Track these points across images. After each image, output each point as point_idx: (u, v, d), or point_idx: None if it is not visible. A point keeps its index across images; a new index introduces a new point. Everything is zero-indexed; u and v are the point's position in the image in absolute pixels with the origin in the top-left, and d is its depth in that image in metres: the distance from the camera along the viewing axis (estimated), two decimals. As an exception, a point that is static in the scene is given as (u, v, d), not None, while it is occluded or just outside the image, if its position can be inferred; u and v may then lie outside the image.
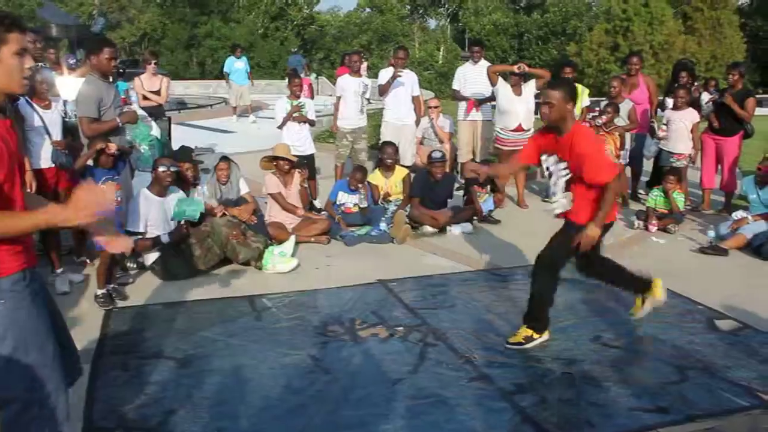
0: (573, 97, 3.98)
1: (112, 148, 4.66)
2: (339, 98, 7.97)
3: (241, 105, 14.99)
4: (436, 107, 8.92)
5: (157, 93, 8.39)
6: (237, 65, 14.78)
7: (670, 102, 7.67)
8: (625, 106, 7.58)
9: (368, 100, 8.49)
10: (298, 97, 7.42)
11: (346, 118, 7.89)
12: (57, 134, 5.20)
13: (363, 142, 8.02)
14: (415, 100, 8.13)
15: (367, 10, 50.05)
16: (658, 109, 8.47)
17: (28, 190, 4.71)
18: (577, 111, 7.87)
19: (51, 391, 2.40)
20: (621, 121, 7.48)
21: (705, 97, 8.22)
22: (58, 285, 4.95)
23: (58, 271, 5.06)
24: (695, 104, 7.67)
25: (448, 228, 6.78)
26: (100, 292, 4.71)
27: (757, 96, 9.70)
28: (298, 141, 7.26)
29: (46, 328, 2.41)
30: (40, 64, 5.52)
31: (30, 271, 2.37)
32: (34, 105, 5.08)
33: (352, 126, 7.89)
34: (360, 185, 6.75)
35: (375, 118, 10.15)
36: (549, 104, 3.93)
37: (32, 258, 2.37)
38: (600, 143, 4.13)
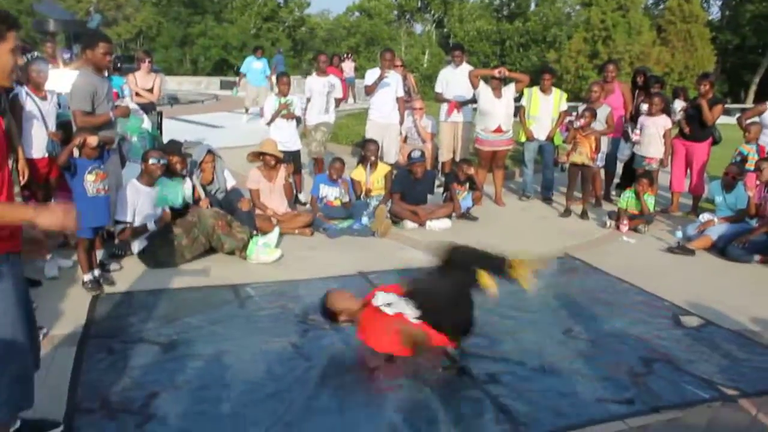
0: None
1: (93, 141, 4.63)
2: (308, 99, 8.11)
3: (256, 106, 14.44)
4: (420, 108, 9.07)
5: (151, 90, 8.45)
6: (255, 65, 14.48)
7: (645, 108, 7.89)
8: (603, 111, 7.77)
9: (342, 99, 8.58)
10: (286, 94, 7.55)
11: (311, 115, 8.06)
12: (52, 125, 5.25)
13: (320, 133, 8.13)
14: (398, 100, 8.26)
15: (356, 14, 50.23)
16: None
17: (21, 179, 4.80)
18: (555, 114, 8.11)
19: (14, 373, 2.45)
20: (599, 125, 7.68)
21: (678, 104, 8.46)
22: (47, 270, 4.98)
23: (48, 256, 5.05)
24: (667, 111, 7.91)
25: (427, 223, 6.92)
26: (86, 277, 4.75)
27: (726, 106, 9.97)
28: (285, 137, 7.37)
29: (22, 313, 2.50)
30: (36, 53, 5.56)
31: (14, 256, 2.48)
32: (32, 94, 5.12)
33: (315, 121, 8.06)
34: (340, 176, 6.87)
35: (361, 116, 10.25)
36: None
37: (17, 244, 2.47)
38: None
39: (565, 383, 3.63)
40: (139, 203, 5.40)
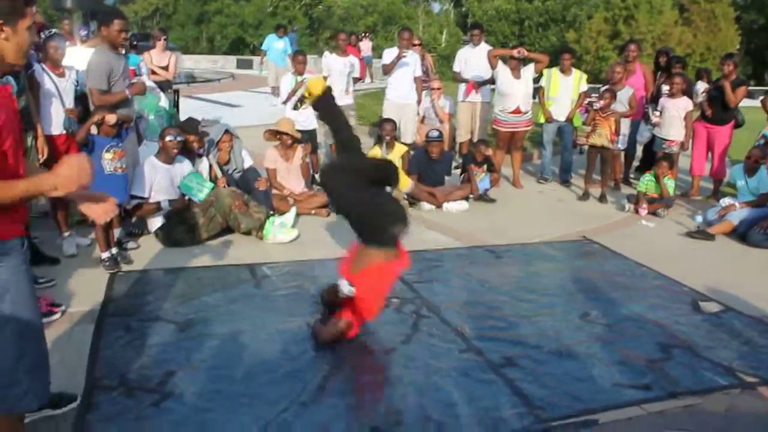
0: None
1: (111, 119, 4.66)
2: (325, 78, 8.00)
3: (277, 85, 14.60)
4: (438, 88, 9.00)
5: (166, 68, 8.42)
6: (277, 45, 14.29)
7: (666, 89, 7.77)
8: (625, 93, 7.68)
9: (359, 79, 8.46)
10: (302, 73, 7.51)
11: None
12: (69, 102, 5.22)
13: (351, 120, 7.98)
14: (416, 80, 8.19)
15: (374, -8, 49.82)
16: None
17: (41, 156, 4.81)
18: (574, 96, 8.02)
19: (33, 358, 2.42)
20: (620, 106, 7.58)
21: (700, 86, 8.33)
22: (66, 247, 5.01)
23: (65, 234, 5.09)
24: (689, 92, 7.80)
25: (444, 205, 6.90)
26: (104, 255, 4.77)
27: (750, 88, 9.81)
28: (302, 116, 7.31)
29: (35, 295, 2.48)
30: (54, 30, 5.55)
31: (27, 240, 2.47)
32: (49, 71, 5.10)
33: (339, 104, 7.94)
34: None
35: (378, 96, 10.22)
36: None
37: (24, 229, 2.44)
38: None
39: (582, 367, 3.61)
40: (156, 180, 5.42)
